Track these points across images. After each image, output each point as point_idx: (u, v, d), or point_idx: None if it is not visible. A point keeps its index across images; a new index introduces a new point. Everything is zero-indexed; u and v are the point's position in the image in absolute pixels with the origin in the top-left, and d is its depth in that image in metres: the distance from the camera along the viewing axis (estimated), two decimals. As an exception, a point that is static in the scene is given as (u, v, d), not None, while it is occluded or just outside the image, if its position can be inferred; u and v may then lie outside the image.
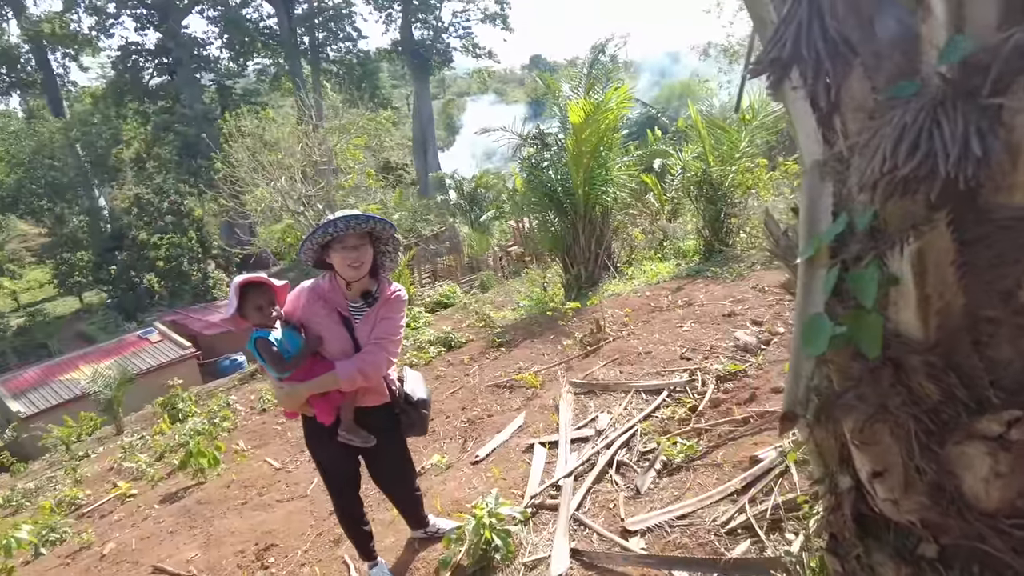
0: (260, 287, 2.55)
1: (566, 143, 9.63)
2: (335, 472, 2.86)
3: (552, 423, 4.25)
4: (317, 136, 18.24)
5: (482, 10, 45.48)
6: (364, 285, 2.62)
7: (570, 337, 6.16)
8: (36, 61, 39.91)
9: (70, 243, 31.56)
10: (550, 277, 12.19)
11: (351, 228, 2.46)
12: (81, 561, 4.93)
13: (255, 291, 2.54)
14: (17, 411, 17.80)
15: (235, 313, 2.53)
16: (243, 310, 2.53)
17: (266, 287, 2.56)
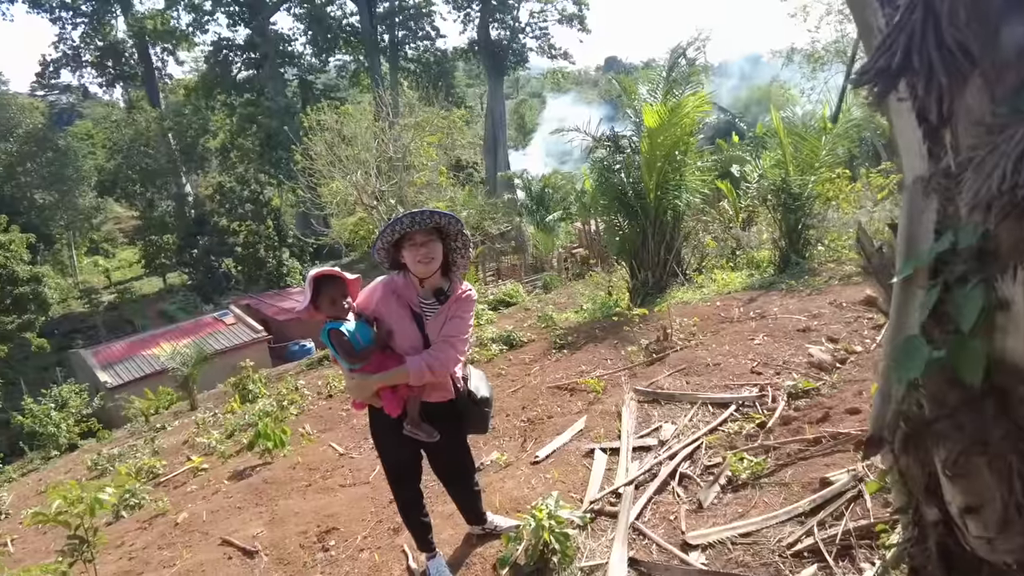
0: (334, 280, 2.62)
1: (640, 146, 9.51)
2: (398, 464, 2.93)
3: (614, 429, 4.21)
4: (392, 132, 18.64)
5: (560, 11, 45.47)
6: (436, 283, 2.69)
7: (635, 343, 6.08)
8: (138, 55, 42.52)
9: (158, 226, 33.42)
10: (615, 281, 12.07)
11: (417, 224, 2.54)
12: (157, 527, 5.22)
13: (329, 284, 2.61)
14: (105, 381, 18.99)
15: (309, 305, 2.62)
16: (317, 302, 2.61)
17: (340, 280, 2.63)
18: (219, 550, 3.98)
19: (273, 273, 30.10)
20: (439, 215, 2.57)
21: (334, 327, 2.59)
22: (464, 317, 2.68)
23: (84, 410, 17.01)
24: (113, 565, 4.54)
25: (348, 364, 2.61)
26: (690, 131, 9.42)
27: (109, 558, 4.83)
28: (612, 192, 9.81)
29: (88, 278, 36.68)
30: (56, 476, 11.01)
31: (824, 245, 9.09)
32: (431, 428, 2.73)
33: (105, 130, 39.46)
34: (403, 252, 2.61)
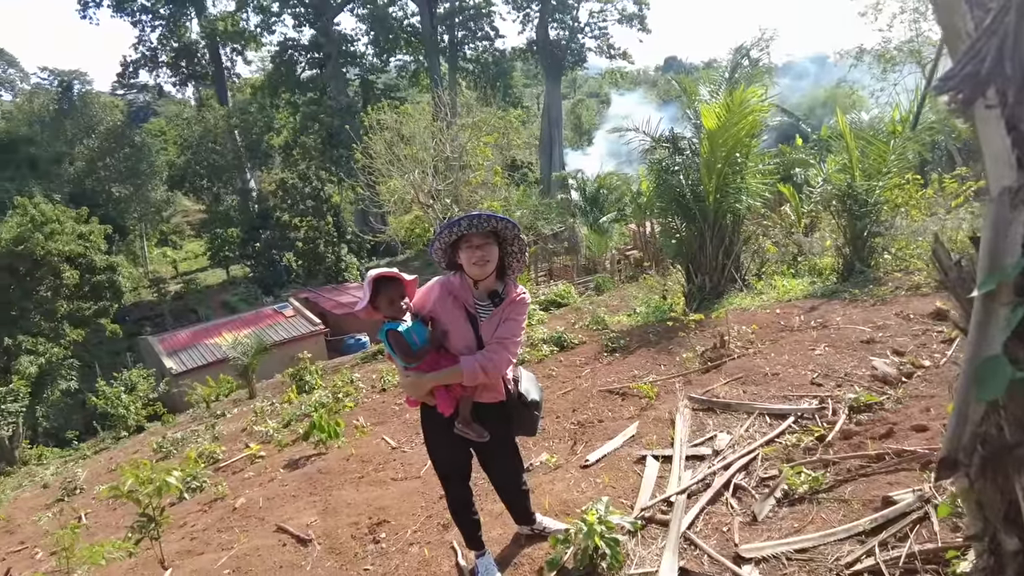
0: (392, 281, 2.68)
1: (700, 147, 9.34)
2: (448, 462, 2.97)
3: (666, 437, 4.14)
4: (450, 132, 18.83)
5: (620, 11, 45.09)
6: (491, 285, 2.74)
7: (690, 350, 5.97)
8: (210, 55, 44.33)
9: (223, 220, 34.72)
10: (670, 285, 11.88)
11: (474, 227, 2.59)
12: (216, 511, 5.43)
13: (388, 285, 2.67)
14: (170, 367, 19.83)
15: (368, 305, 2.68)
16: (376, 302, 2.68)
17: (398, 281, 2.69)
18: (274, 536, 4.11)
19: (331, 268, 30.86)
20: (496, 219, 2.61)
21: (392, 327, 2.64)
22: (517, 320, 2.71)
23: (151, 394, 17.86)
24: (176, 544, 4.75)
25: (404, 363, 2.67)
26: (752, 133, 9.20)
27: (173, 537, 5.05)
28: (670, 194, 9.66)
29: (157, 268, 38.48)
30: (125, 456, 11.58)
31: (891, 254, 8.72)
32: (481, 428, 2.76)
33: (176, 127, 41.29)
34: (459, 253, 2.67)
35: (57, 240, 17.59)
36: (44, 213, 18.00)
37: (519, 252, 2.74)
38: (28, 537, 7.58)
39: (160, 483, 3.90)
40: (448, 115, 19.43)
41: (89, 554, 3.29)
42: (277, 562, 3.74)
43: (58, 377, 17.75)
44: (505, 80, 44.88)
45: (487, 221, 2.58)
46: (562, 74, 47.61)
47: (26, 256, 17.12)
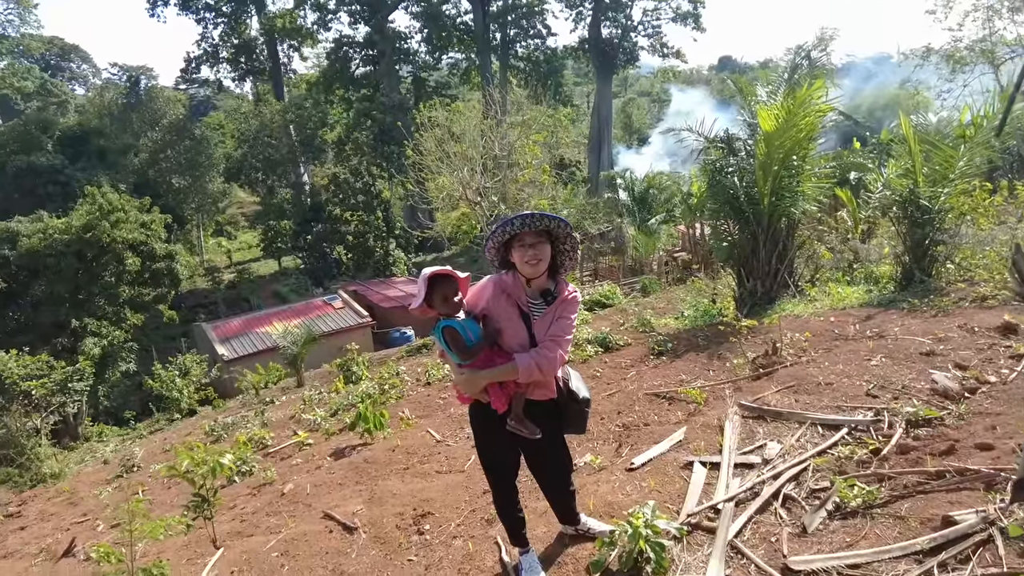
0: (447, 279, 2.71)
1: (755, 149, 9.15)
2: (497, 459, 2.99)
3: (714, 443, 4.08)
4: (500, 131, 18.90)
5: (674, 9, 44.45)
6: (543, 283, 2.77)
7: (741, 356, 5.85)
8: (268, 52, 45.56)
9: (276, 212, 35.62)
10: (720, 289, 11.68)
11: (527, 226, 2.63)
12: (265, 495, 5.59)
13: (443, 283, 2.71)
14: (222, 354, 20.46)
15: (423, 303, 2.73)
16: (430, 300, 2.72)
17: (452, 279, 2.73)
18: (321, 523, 4.21)
19: (380, 262, 31.34)
20: (549, 218, 2.64)
21: (448, 325, 2.69)
22: (570, 319, 2.73)
23: (203, 379, 18.47)
24: (227, 524, 4.91)
25: (459, 360, 2.71)
26: (809, 136, 8.97)
27: (223, 518, 5.22)
28: (723, 196, 9.48)
29: (212, 257, 39.81)
30: (178, 437, 12.03)
31: (954, 263, 8.38)
32: (534, 426, 2.78)
33: (234, 121, 42.56)
34: (512, 252, 2.71)
35: (122, 228, 18.39)
36: (111, 202, 18.83)
37: (571, 250, 2.77)
38: (90, 509, 7.95)
39: (214, 464, 4.04)
40: (498, 113, 19.51)
41: (149, 528, 3.43)
42: (323, 548, 3.83)
43: (119, 359, 18.54)
44: (556, 78, 44.75)
45: (540, 220, 2.63)
46: (613, 73, 47.20)
47: (93, 243, 17.96)
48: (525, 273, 2.71)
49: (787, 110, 8.35)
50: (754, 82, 10.46)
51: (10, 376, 12.40)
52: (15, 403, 12.17)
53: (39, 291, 18.48)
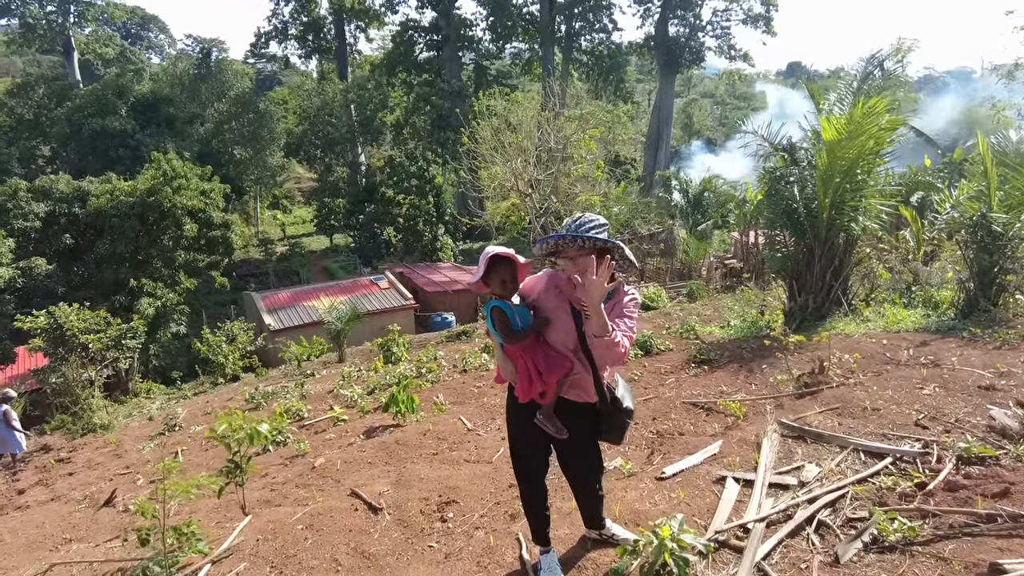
0: (507, 262, 2.70)
1: (817, 159, 8.84)
2: (527, 453, 2.94)
3: (750, 460, 3.95)
4: (557, 123, 18.80)
5: (745, 10, 43.32)
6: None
7: (785, 372, 5.68)
8: (335, 31, 46.28)
9: (331, 190, 36.26)
10: (769, 300, 11.39)
11: (577, 246, 2.61)
12: (296, 466, 5.69)
13: (503, 264, 2.69)
14: (269, 324, 20.98)
15: (480, 280, 2.72)
16: (488, 279, 2.71)
17: (512, 262, 2.71)
18: (347, 500, 4.25)
19: (428, 246, 31.61)
20: (601, 241, 2.58)
21: (499, 305, 2.68)
22: (632, 316, 2.69)
23: (248, 347, 18.97)
24: (258, 492, 5.02)
25: (503, 340, 2.71)
26: (876, 150, 8.61)
27: (255, 485, 5.34)
28: (781, 205, 9.21)
29: (267, 229, 40.80)
30: (219, 401, 12.39)
31: (1024, 294, 7.95)
32: (560, 425, 2.73)
33: (297, 98, 43.40)
34: (559, 258, 2.72)
35: (183, 194, 19.01)
36: (175, 168, 19.48)
37: (623, 261, 2.73)
38: (132, 463, 8.28)
39: (251, 432, 4.12)
40: (557, 105, 19.40)
41: (182, 488, 3.52)
42: (348, 525, 3.87)
43: (170, 320, 19.19)
44: (618, 73, 44.16)
45: (590, 241, 2.58)
46: (677, 72, 46.34)
47: (155, 206, 18.61)
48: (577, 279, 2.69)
49: (852, 121, 8.02)
50: (825, 90, 10.10)
51: (71, 328, 12.97)
52: (74, 354, 12.73)
53: (103, 249, 19.26)
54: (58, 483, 8.11)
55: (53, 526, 5.63)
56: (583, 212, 2.71)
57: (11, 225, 19.04)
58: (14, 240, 18.97)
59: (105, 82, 35.56)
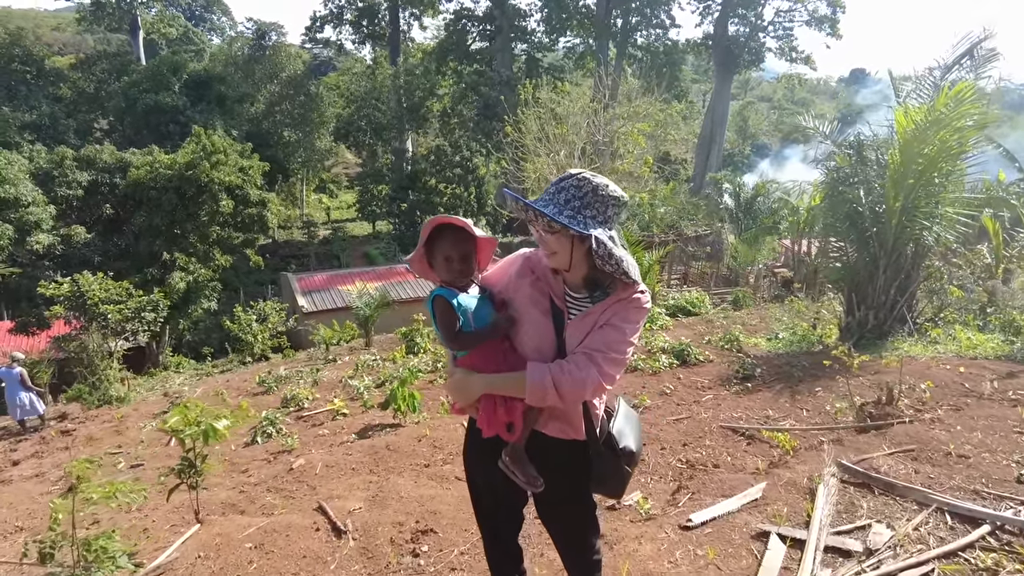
0: (456, 233, 1.91)
1: (888, 159, 7.86)
2: (490, 508, 2.17)
3: (801, 511, 3.15)
4: (605, 116, 18.08)
5: (810, 11, 41.42)
6: (590, 273, 1.86)
7: (844, 399, 4.82)
8: (389, 17, 46.15)
9: (375, 176, 36.12)
10: (823, 313, 10.40)
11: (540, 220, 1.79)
12: (277, 464, 5.11)
13: (448, 237, 1.92)
14: (302, 306, 20.74)
15: (422, 256, 1.97)
16: (430, 255, 1.97)
17: (464, 234, 1.92)
18: (312, 516, 3.61)
19: (467, 237, 31.10)
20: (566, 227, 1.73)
21: (442, 294, 1.91)
22: (623, 328, 1.81)
23: (279, 327, 18.74)
24: (226, 492, 4.45)
25: (448, 345, 1.95)
26: (959, 151, 7.61)
27: (227, 484, 4.78)
28: (843, 209, 8.27)
29: (312, 212, 40.97)
30: (239, 381, 12.00)
31: None
32: (535, 474, 1.92)
33: (345, 81, 43.46)
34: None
35: (220, 170, 18.82)
36: (214, 143, 19.33)
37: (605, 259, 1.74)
38: (127, 442, 7.86)
39: (207, 428, 3.53)
40: (607, 97, 18.66)
41: (101, 493, 2.94)
42: (303, 549, 3.23)
43: (201, 296, 19.08)
44: (673, 72, 42.82)
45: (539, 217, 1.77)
46: (735, 73, 44.70)
47: (193, 180, 18.47)
48: (547, 264, 1.90)
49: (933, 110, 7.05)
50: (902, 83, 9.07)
51: (92, 297, 12.79)
52: (94, 323, 12.54)
53: (140, 221, 19.26)
54: (50, 457, 7.75)
55: (13, 510, 5.17)
56: (582, 170, 1.81)
57: (55, 192, 19.20)
58: (56, 207, 19.11)
59: (161, 59, 36.10)
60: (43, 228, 18.43)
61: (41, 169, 19.72)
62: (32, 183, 18.90)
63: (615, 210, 1.80)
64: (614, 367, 1.80)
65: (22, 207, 17.87)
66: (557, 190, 1.79)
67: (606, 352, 1.78)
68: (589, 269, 1.83)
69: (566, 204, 1.76)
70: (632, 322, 1.83)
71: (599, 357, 1.78)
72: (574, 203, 1.76)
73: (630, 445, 1.98)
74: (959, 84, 6.85)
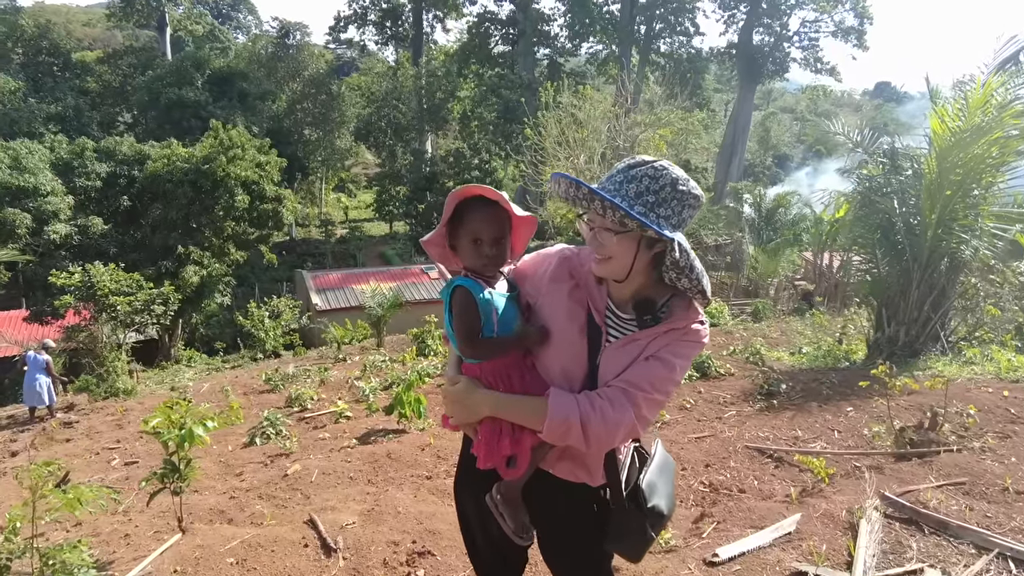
0: (489, 209, 1.55)
1: (924, 168, 7.48)
2: (483, 547, 1.82)
3: (841, 548, 2.81)
4: (626, 122, 17.84)
5: (837, 23, 40.89)
6: (642, 288, 1.52)
7: (881, 422, 4.46)
8: (413, 19, 46.28)
9: (393, 177, 36.05)
10: (849, 328, 10.01)
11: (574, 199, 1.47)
12: (273, 468, 4.86)
13: (479, 213, 1.55)
14: (316, 304, 20.60)
15: (443, 236, 1.63)
16: (454, 235, 1.60)
17: (499, 213, 1.56)
18: (301, 530, 3.33)
19: (485, 240, 30.93)
20: (634, 220, 1.36)
21: (464, 284, 1.54)
22: (672, 364, 1.46)
23: (292, 324, 18.61)
24: (215, 498, 4.19)
25: (461, 349, 1.57)
26: (1001, 161, 7.23)
27: (219, 487, 4.53)
28: (875, 220, 7.92)
29: (330, 211, 41.03)
30: (247, 377, 11.79)
31: None
32: (528, 523, 1.62)
33: (366, 82, 43.61)
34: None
35: (237, 165, 18.72)
36: (231, 138, 19.26)
37: (687, 277, 1.43)
38: (126, 438, 7.65)
39: (186, 433, 3.27)
40: (628, 101, 18.41)
41: (65, 500, 2.69)
42: (288, 568, 2.95)
43: (215, 291, 18.99)
44: (696, 80, 42.40)
45: (613, 212, 1.38)
46: (758, 82, 44.22)
47: (209, 175, 18.39)
48: (594, 271, 1.53)
49: (971, 116, 6.68)
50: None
51: (102, 288, 12.67)
52: (103, 314, 12.42)
53: (156, 214, 19.22)
54: (46, 451, 7.56)
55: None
56: (657, 158, 1.44)
57: (74, 183, 19.21)
58: (74, 198, 19.11)
59: (185, 54, 36.35)
60: (60, 218, 18.44)
61: (61, 160, 19.77)
62: (52, 173, 18.95)
63: (690, 212, 1.44)
64: (653, 410, 1.47)
65: (40, 196, 17.89)
66: (626, 179, 1.42)
67: (649, 392, 1.44)
68: (647, 283, 1.49)
69: (637, 198, 1.39)
70: (684, 358, 1.48)
71: (640, 397, 1.43)
72: (647, 197, 1.39)
73: (661, 505, 1.59)
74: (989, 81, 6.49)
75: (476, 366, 1.56)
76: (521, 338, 1.55)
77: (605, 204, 1.37)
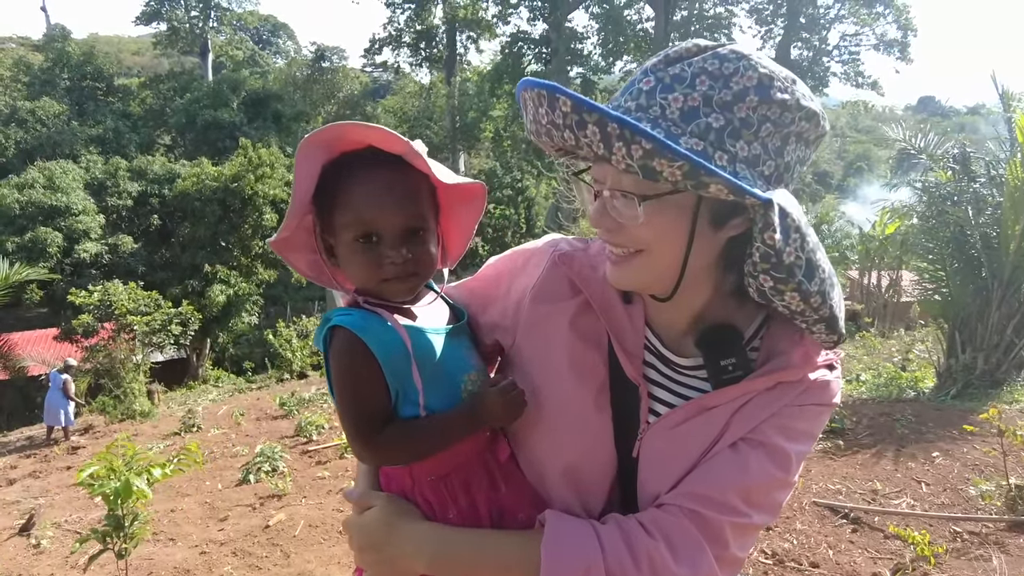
0: (391, 170, 0.88)
1: (1006, 174, 6.64)
2: None
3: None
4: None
5: (879, 35, 39.68)
6: (713, 308, 0.81)
7: (979, 471, 3.66)
8: (446, 40, 46.71)
9: (425, 196, 36.02)
10: (913, 354, 9.10)
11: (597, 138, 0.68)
12: (256, 516, 4.26)
13: (371, 179, 0.87)
14: (341, 318, 20.27)
15: (308, 227, 0.91)
16: (329, 231, 0.89)
17: (410, 172, 0.90)
18: (263, 606, 2.73)
19: (514, 259, 30.61)
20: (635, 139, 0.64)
21: (345, 324, 0.82)
22: (787, 452, 0.76)
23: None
24: (183, 553, 3.61)
25: (355, 447, 0.86)
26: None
27: (194, 538, 3.95)
28: (946, 233, 7.05)
29: (365, 231, 41.25)
30: (268, 399, 11.32)
31: None
32: None
33: (399, 101, 43.99)
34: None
35: (266, 183, 18.67)
36: (260, 156, 19.21)
37: (789, 271, 0.69)
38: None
39: (122, 487, 2.72)
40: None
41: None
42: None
43: (242, 310, 18.81)
44: (731, 94, 41.65)
45: (641, 140, 0.64)
46: (797, 99, 43.27)
47: (238, 193, 18.36)
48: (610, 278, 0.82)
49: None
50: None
51: (120, 307, 12.46)
52: (121, 334, 12.19)
53: (184, 232, 19.24)
54: (46, 478, 7.14)
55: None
56: (730, 43, 0.79)
57: (106, 202, 19.38)
58: (105, 217, 19.24)
59: (222, 76, 37.04)
60: (91, 237, 18.54)
61: (96, 179, 20.00)
62: (85, 192, 19.13)
63: (803, 148, 0.75)
64: (748, 543, 0.79)
65: (72, 215, 18.01)
66: (661, 83, 0.75)
67: (741, 514, 0.75)
68: (717, 296, 0.79)
69: (685, 119, 0.70)
70: (804, 440, 0.79)
71: (725, 526, 0.74)
72: (705, 119, 0.70)
73: None
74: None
75: (405, 471, 0.87)
76: (474, 412, 0.84)
77: (613, 130, 0.66)
